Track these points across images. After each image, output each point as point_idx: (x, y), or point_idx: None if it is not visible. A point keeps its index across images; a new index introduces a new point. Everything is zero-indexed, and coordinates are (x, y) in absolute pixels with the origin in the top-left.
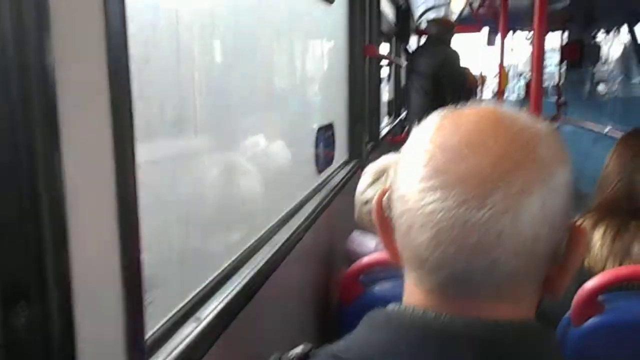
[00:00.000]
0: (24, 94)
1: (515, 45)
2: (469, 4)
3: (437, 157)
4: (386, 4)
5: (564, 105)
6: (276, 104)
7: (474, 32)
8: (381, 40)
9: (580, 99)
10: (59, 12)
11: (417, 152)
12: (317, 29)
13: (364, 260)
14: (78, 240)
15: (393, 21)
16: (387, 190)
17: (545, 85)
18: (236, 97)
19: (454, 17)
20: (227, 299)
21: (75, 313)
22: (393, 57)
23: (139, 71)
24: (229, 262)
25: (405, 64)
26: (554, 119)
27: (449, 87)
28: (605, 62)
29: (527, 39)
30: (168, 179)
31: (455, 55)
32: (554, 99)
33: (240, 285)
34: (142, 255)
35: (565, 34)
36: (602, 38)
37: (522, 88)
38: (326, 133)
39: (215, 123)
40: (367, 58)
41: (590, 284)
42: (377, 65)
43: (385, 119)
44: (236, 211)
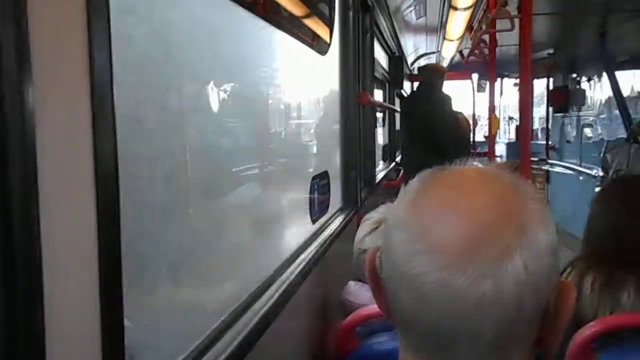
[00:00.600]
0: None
1: (504, 91)
2: (459, 51)
3: (420, 221)
4: (379, 51)
5: (552, 149)
6: (269, 153)
7: (464, 79)
8: (374, 86)
9: (568, 141)
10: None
11: (403, 215)
12: (311, 78)
13: (360, 312)
14: (53, 302)
15: (386, 68)
16: (378, 249)
17: (535, 128)
18: (228, 147)
19: (445, 63)
20: (221, 357)
21: None
22: (386, 104)
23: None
24: (221, 319)
25: (399, 109)
26: (543, 161)
27: (442, 131)
28: (589, 106)
29: (515, 85)
30: (155, 231)
31: (447, 100)
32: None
33: (234, 342)
34: (125, 318)
35: (551, 80)
36: (585, 84)
37: (513, 131)
38: (321, 181)
39: (206, 174)
40: (360, 105)
41: (584, 333)
42: (371, 111)
43: (381, 163)
44: (228, 266)
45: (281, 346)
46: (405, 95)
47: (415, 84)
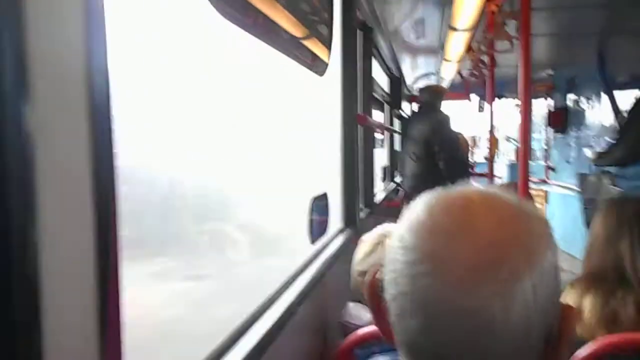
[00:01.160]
0: None
1: (504, 111)
2: (459, 72)
3: (428, 242)
4: (378, 72)
5: (552, 170)
6: (268, 175)
7: (463, 99)
8: (372, 108)
9: (567, 162)
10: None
11: (409, 236)
12: (310, 100)
13: (359, 333)
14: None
15: (385, 89)
16: (378, 270)
17: (535, 149)
18: (226, 169)
19: (444, 84)
20: None
21: None
22: (385, 125)
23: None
24: (220, 341)
25: (398, 130)
26: (543, 182)
27: (441, 153)
28: (589, 127)
29: (516, 105)
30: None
31: (446, 121)
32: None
33: None
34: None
35: (551, 101)
36: (585, 105)
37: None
38: (320, 203)
39: (206, 196)
40: (359, 126)
41: (584, 353)
42: (370, 132)
43: (380, 184)
44: (228, 287)
45: None
46: (404, 115)
47: (414, 105)
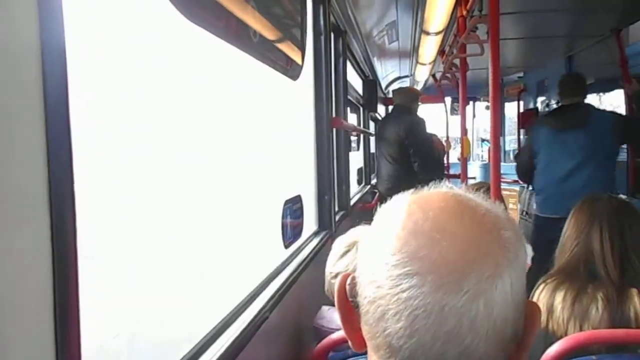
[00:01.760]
0: None
1: (477, 113)
2: (432, 75)
3: (410, 244)
4: (353, 75)
5: None
6: (241, 178)
7: (437, 102)
8: (348, 110)
9: None
10: None
11: (388, 238)
12: (283, 103)
13: (333, 336)
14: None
15: (360, 91)
16: (348, 275)
17: (507, 149)
18: (198, 172)
19: (418, 86)
20: None
21: None
22: (360, 127)
23: None
24: (188, 350)
25: (374, 132)
26: (515, 182)
27: (415, 155)
28: None
29: (486, 108)
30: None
31: (420, 123)
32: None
33: None
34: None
35: (522, 103)
36: (555, 106)
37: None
38: (293, 206)
39: (175, 197)
40: (334, 129)
41: (553, 350)
42: (345, 135)
43: (356, 186)
44: (197, 293)
45: None
46: (379, 118)
47: (390, 107)
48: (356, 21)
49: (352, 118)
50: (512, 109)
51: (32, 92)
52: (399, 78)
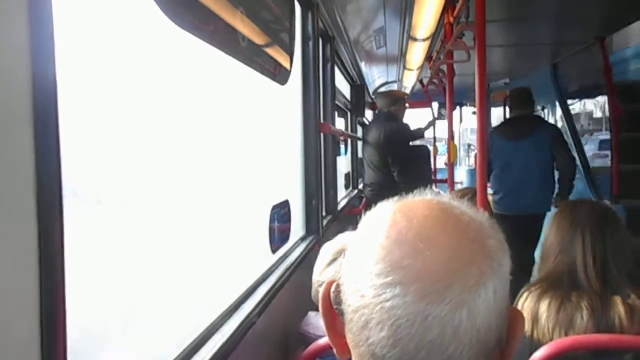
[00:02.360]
0: None
1: (464, 118)
2: (420, 80)
3: (393, 253)
4: (341, 80)
5: None
6: (228, 183)
7: (424, 107)
8: (335, 115)
9: None
10: None
11: (372, 247)
12: (271, 108)
13: (320, 342)
14: None
15: (348, 96)
16: (333, 282)
17: None
18: (184, 176)
19: (406, 92)
20: None
21: None
22: (348, 132)
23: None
24: (175, 356)
25: (362, 137)
26: None
27: (394, 164)
28: None
29: (473, 113)
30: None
31: (400, 130)
32: None
33: None
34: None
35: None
36: (540, 113)
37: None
38: (281, 210)
39: (160, 202)
40: (321, 133)
41: (538, 356)
42: (333, 139)
43: (343, 191)
44: (182, 300)
45: None
46: (366, 123)
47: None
48: (344, 27)
49: (340, 123)
50: (498, 114)
51: (21, 94)
52: (386, 83)
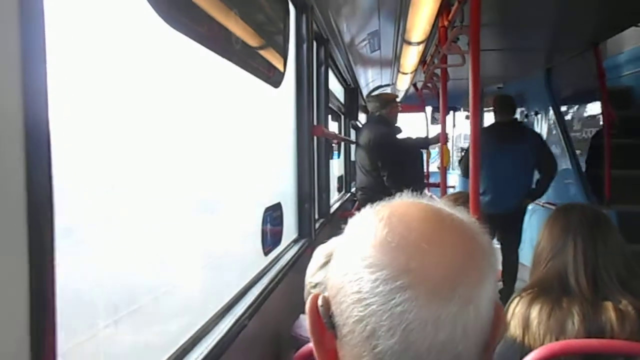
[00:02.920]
0: None
1: (457, 122)
2: (413, 84)
3: (398, 257)
4: (335, 83)
5: None
6: (221, 186)
7: (418, 111)
8: (329, 118)
9: None
10: None
11: (370, 256)
12: (264, 110)
13: (311, 345)
14: None
15: (342, 99)
16: (318, 296)
17: None
18: (177, 178)
19: (400, 95)
20: None
21: None
22: (341, 135)
23: None
24: (167, 357)
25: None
26: None
27: (383, 168)
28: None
29: (467, 117)
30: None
31: (390, 134)
32: None
33: None
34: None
35: None
36: (533, 117)
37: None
38: (273, 213)
39: (152, 202)
40: (315, 136)
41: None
42: (326, 142)
43: (336, 194)
44: (174, 301)
45: None
46: (360, 126)
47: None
48: (339, 30)
49: (333, 126)
50: (491, 119)
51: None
52: (380, 87)
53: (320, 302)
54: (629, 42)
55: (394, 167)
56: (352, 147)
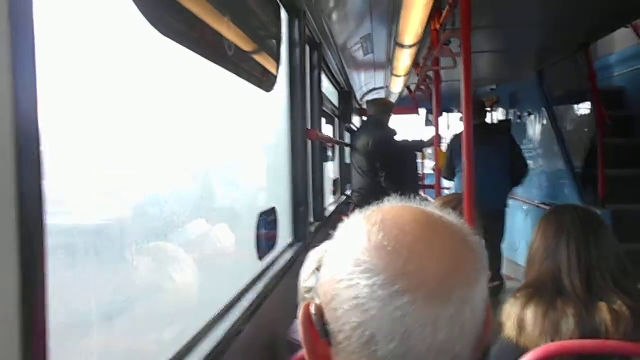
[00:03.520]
0: None
1: (451, 124)
2: (407, 86)
3: (395, 261)
4: (328, 86)
5: None
6: (214, 191)
7: (411, 113)
8: (322, 121)
9: None
10: None
11: (369, 258)
12: (258, 115)
13: None
14: None
15: (335, 102)
16: (310, 304)
17: None
18: (171, 184)
19: (393, 98)
20: None
21: None
22: (335, 138)
23: None
24: None
25: (349, 143)
26: None
27: (382, 169)
28: (530, 140)
29: (460, 119)
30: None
31: (389, 137)
32: None
33: None
34: None
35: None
36: (526, 118)
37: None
38: (267, 218)
39: (146, 212)
40: (309, 140)
41: None
42: (320, 146)
43: (331, 197)
44: (169, 307)
45: None
46: (354, 128)
47: (365, 118)
48: (331, 33)
49: (327, 129)
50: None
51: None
52: (374, 89)
53: (313, 310)
54: (620, 43)
55: (392, 168)
56: (347, 149)
